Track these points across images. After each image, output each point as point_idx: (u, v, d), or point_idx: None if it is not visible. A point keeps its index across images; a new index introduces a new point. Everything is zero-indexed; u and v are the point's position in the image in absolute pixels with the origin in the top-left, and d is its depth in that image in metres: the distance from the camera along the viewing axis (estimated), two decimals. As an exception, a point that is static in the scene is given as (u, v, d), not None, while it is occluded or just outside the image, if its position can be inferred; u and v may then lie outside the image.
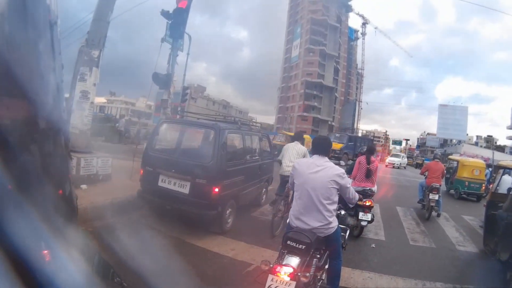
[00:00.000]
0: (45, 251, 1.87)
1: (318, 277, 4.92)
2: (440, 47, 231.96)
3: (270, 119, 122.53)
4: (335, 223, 4.81)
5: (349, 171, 9.52)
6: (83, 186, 9.35)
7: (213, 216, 7.63)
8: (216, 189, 7.50)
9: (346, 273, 6.55)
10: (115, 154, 12.41)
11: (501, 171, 9.41)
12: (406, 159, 63.01)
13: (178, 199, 7.61)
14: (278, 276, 4.00)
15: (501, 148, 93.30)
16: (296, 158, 9.05)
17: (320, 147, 4.94)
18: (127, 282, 2.22)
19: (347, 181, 4.87)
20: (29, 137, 1.99)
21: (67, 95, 10.47)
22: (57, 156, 2.26)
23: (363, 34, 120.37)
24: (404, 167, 57.22)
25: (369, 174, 9.43)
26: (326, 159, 4.90)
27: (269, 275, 4.05)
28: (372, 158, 9.70)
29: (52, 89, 2.16)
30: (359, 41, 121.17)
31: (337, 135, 44.03)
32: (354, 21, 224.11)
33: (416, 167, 64.74)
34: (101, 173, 10.47)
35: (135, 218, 8.21)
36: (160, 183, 7.87)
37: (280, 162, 9.60)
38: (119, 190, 9.64)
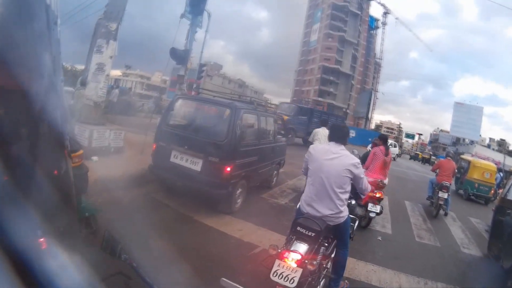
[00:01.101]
0: (41, 239, 1.87)
1: (324, 265, 4.93)
2: (461, 44, 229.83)
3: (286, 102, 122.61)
4: (345, 212, 4.79)
5: (362, 161, 9.41)
6: (94, 158, 9.42)
7: (223, 195, 7.64)
8: (228, 168, 7.50)
9: (351, 263, 6.55)
10: (128, 127, 12.45)
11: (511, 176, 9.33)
12: (397, 148, 59.22)
13: (189, 176, 7.59)
14: (285, 261, 3.98)
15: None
16: (325, 141, 9.07)
17: (337, 135, 4.89)
18: (134, 258, 2.21)
19: (361, 171, 4.83)
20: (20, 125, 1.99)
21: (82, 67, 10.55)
22: (49, 139, 2.27)
23: (384, 23, 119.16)
24: (394, 158, 53.63)
25: (384, 166, 9.39)
26: (343, 147, 4.84)
27: (276, 260, 4.03)
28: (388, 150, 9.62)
29: (50, 86, 2.16)
30: (379, 31, 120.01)
31: (285, 105, 35.33)
32: (375, 10, 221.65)
33: (422, 163, 65.31)
34: (113, 146, 10.54)
35: (144, 192, 8.24)
36: (172, 159, 7.86)
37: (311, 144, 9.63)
38: (130, 163, 9.68)
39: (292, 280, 3.90)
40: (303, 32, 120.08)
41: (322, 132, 10.60)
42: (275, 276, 3.95)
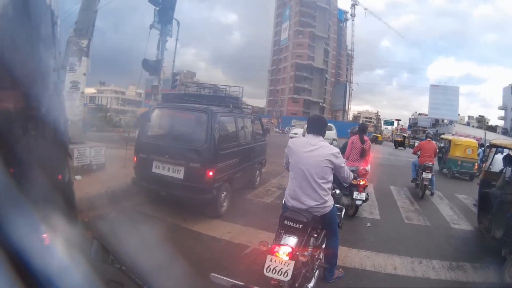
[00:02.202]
0: (44, 235, 1.89)
1: (316, 256, 4.98)
2: (431, 28, 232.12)
3: (261, 102, 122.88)
4: (330, 202, 4.86)
5: (342, 151, 9.45)
6: (77, 177, 9.30)
7: (208, 199, 7.65)
8: (211, 173, 7.52)
9: (343, 252, 6.61)
10: (107, 143, 12.39)
11: (493, 149, 9.46)
12: (334, 131, 51.24)
13: (172, 185, 7.61)
14: (276, 256, 4.01)
15: (492, 128, 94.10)
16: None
17: (315, 126, 4.94)
18: (126, 266, 2.22)
19: (342, 160, 4.89)
20: (28, 125, 2.01)
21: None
22: (55, 143, 2.29)
23: (353, 15, 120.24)
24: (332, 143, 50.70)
25: (363, 154, 9.45)
26: (321, 138, 4.90)
27: (268, 255, 4.05)
28: (365, 137, 9.72)
29: (53, 87, 2.18)
30: (349, 23, 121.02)
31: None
32: (343, 2, 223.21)
33: (395, 147, 62.49)
34: (95, 163, 10.45)
35: (130, 206, 8.22)
36: (154, 170, 7.86)
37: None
38: (113, 179, 9.63)
39: (286, 274, 3.94)
40: (273, 32, 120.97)
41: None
42: (269, 272, 3.98)
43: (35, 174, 1.99)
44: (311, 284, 4.77)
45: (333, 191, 5.36)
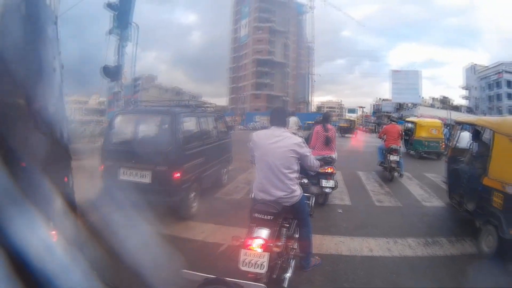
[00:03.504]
0: (53, 232, 1.91)
1: (291, 246, 5.06)
2: (393, 16, 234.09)
3: (224, 101, 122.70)
4: (298, 191, 4.90)
5: (307, 141, 9.49)
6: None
7: (178, 201, 7.67)
8: (177, 174, 7.52)
9: (318, 240, 6.68)
10: (73, 154, 12.20)
11: (458, 127, 9.63)
12: None
13: (141, 190, 7.50)
14: (250, 249, 4.06)
15: (456, 108, 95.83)
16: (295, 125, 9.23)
17: (277, 118, 4.99)
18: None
19: (306, 150, 4.95)
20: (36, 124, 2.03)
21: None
22: (61, 146, 2.32)
23: (311, 7, 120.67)
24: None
25: (328, 142, 9.53)
26: (284, 129, 4.94)
27: (242, 249, 4.09)
28: (329, 126, 9.80)
29: (54, 88, 2.19)
30: (308, 15, 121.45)
31: None
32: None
33: (341, 134, 51.66)
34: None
35: (101, 216, 8.12)
36: (121, 176, 7.81)
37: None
38: (81, 191, 9.46)
39: (262, 266, 4.00)
40: (232, 29, 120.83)
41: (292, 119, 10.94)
42: (245, 266, 4.03)
43: (44, 173, 2.02)
44: (288, 274, 4.78)
45: (301, 181, 5.38)
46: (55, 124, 2.22)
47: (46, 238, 1.84)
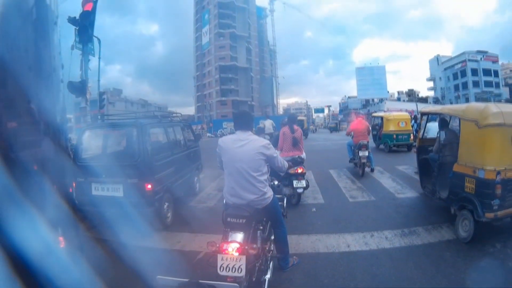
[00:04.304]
0: (61, 237, 1.95)
1: (267, 248, 5.07)
2: (354, 13, 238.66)
3: (191, 110, 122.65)
4: (270, 193, 4.95)
5: (274, 143, 9.53)
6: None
7: (152, 213, 7.62)
8: (149, 186, 7.51)
9: (294, 240, 6.76)
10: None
11: (425, 117, 9.80)
12: None
13: (114, 204, 7.48)
14: (227, 253, 4.07)
15: (423, 100, 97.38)
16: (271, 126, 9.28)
17: (242, 122, 5.01)
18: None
19: (273, 151, 4.99)
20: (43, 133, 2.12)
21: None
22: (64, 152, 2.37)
23: (271, 11, 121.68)
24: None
25: (295, 143, 9.65)
26: (250, 133, 4.99)
27: (218, 254, 4.11)
28: (295, 126, 9.91)
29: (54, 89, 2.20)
30: (269, 19, 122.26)
31: None
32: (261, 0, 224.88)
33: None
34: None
35: (75, 235, 8.01)
36: (94, 192, 7.74)
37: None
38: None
39: (239, 269, 4.02)
40: (194, 37, 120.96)
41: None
42: (223, 270, 4.06)
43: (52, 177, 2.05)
44: (268, 276, 4.83)
45: (272, 183, 5.43)
46: (58, 128, 2.25)
47: (48, 240, 1.87)
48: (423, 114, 9.83)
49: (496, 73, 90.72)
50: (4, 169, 1.75)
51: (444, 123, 8.78)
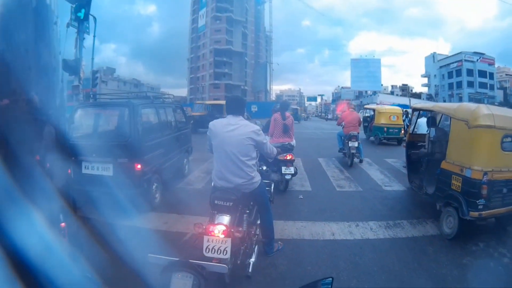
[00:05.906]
0: (63, 224, 1.99)
1: (253, 232, 5.19)
2: (354, 6, 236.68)
3: (184, 92, 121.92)
4: (257, 178, 5.01)
5: (265, 129, 9.66)
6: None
7: (140, 193, 7.64)
8: (139, 166, 7.54)
9: (280, 225, 6.83)
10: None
11: (416, 113, 9.88)
12: None
13: (104, 183, 7.46)
14: (213, 235, 4.15)
15: (417, 95, 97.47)
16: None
17: (234, 107, 5.05)
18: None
19: (263, 137, 5.06)
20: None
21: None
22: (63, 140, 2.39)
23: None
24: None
25: (286, 129, 9.65)
26: (241, 117, 5.03)
27: (204, 236, 4.19)
28: (287, 113, 9.92)
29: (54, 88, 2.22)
30: (266, 5, 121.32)
31: None
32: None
33: None
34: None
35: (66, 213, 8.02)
36: (84, 170, 7.72)
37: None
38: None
39: (225, 251, 4.11)
40: (191, 19, 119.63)
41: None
42: (208, 252, 4.14)
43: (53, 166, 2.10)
44: (252, 259, 4.92)
45: (260, 168, 5.49)
46: (58, 120, 2.28)
47: (47, 237, 1.90)
48: (414, 109, 9.91)
49: (491, 76, 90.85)
50: (4, 163, 1.79)
51: (434, 120, 8.88)
